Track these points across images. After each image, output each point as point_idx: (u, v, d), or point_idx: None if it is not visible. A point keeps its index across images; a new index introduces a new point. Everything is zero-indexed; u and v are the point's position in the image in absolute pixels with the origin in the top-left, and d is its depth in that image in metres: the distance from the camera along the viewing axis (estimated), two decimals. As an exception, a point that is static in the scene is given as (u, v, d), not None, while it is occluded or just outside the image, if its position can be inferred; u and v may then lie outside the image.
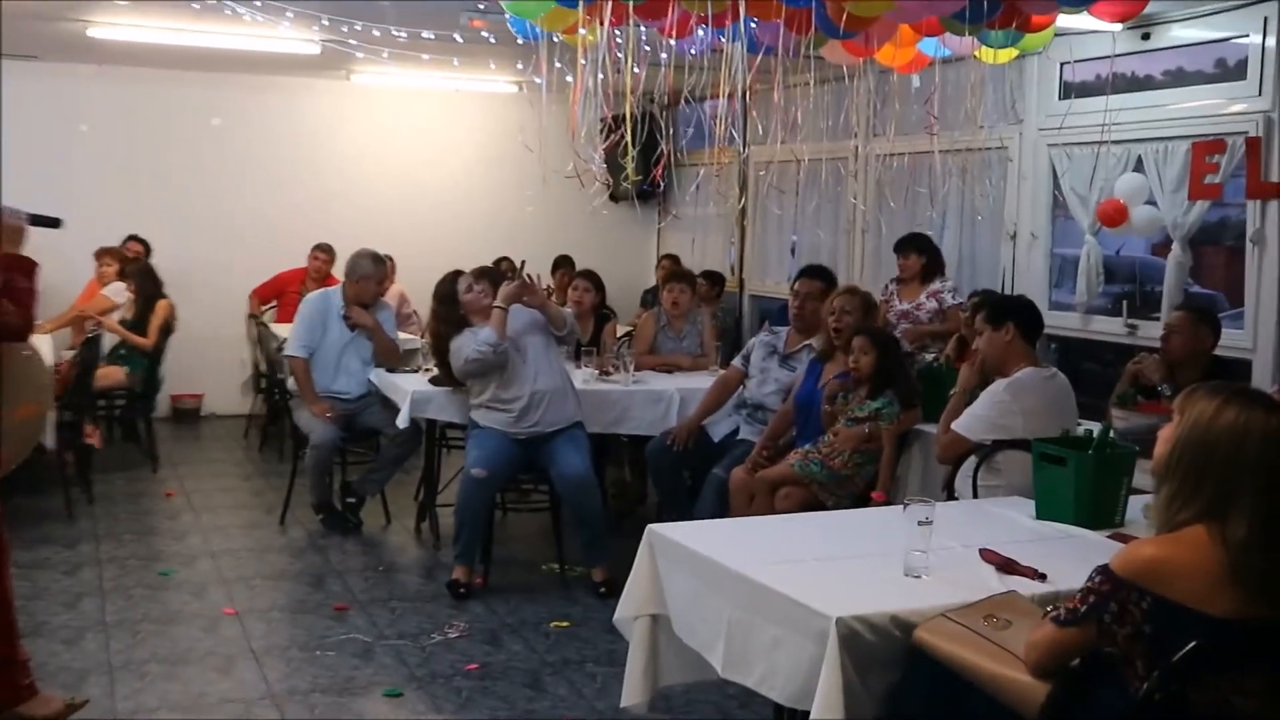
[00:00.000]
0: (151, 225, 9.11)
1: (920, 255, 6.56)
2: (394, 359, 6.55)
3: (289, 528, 6.46)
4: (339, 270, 7.18)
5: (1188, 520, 2.35)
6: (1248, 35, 5.65)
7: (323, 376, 6.39)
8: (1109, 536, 3.43)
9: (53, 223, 3.90)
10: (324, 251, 8.98)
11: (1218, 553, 2.29)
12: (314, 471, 6.28)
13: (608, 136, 4.96)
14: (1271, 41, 5.49)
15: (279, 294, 9.15)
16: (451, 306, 5.61)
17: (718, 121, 5.08)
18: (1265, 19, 5.51)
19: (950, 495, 4.44)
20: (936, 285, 6.47)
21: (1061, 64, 6.60)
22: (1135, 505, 3.66)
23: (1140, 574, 2.31)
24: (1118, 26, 5.71)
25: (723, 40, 4.75)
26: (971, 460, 4.40)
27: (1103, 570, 2.37)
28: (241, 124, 9.76)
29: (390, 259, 9.02)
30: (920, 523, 3.02)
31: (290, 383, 6.61)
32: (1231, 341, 5.54)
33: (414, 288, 8.97)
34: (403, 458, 6.42)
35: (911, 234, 6.76)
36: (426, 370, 6.14)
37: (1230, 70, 5.90)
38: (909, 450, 5.19)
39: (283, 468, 7.21)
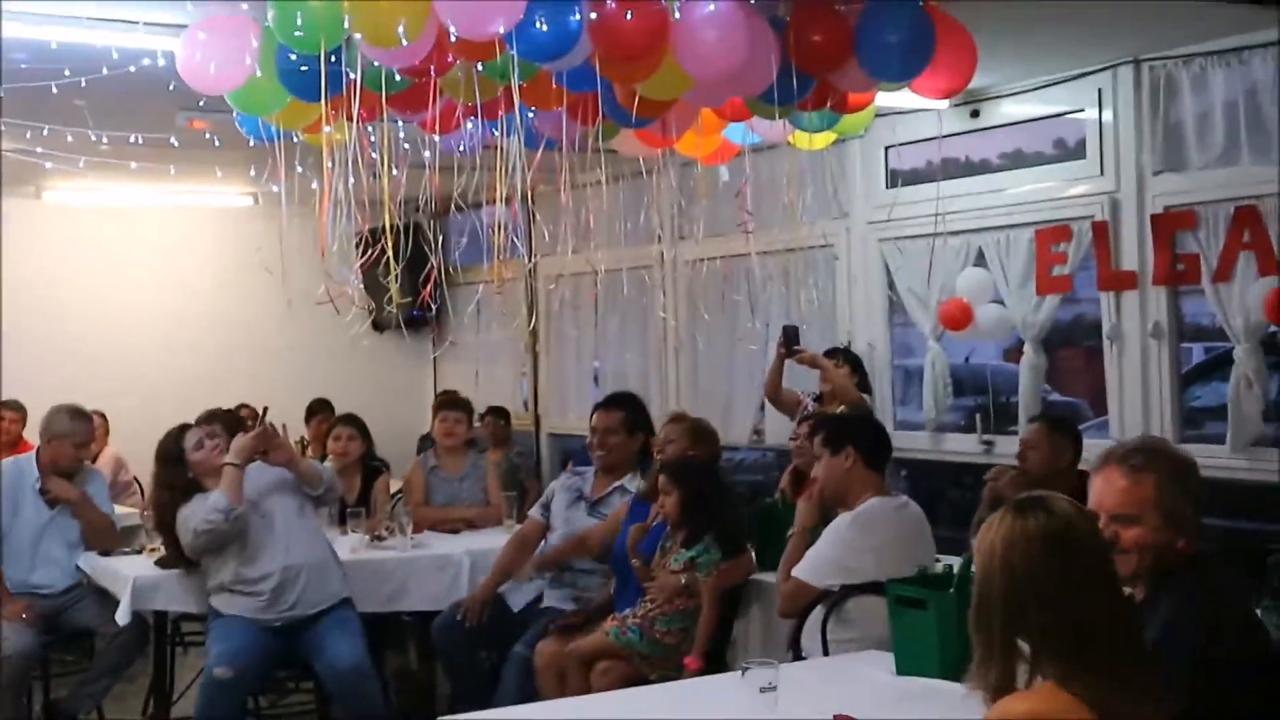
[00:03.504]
0: None
1: (850, 368, 6.37)
2: (109, 539, 6.31)
3: (-23, 765, 6.08)
4: (34, 433, 6.91)
5: (1005, 684, 2.42)
6: (1083, 110, 6.08)
7: (16, 568, 6.11)
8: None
9: None
10: (11, 410, 8.62)
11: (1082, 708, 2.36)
12: (7, 690, 5.93)
13: (365, 252, 4.97)
14: (1109, 115, 5.92)
15: None
16: (177, 469, 5.50)
17: (496, 230, 5.15)
18: (1100, 91, 5.95)
19: (797, 654, 4.49)
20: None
21: (886, 148, 6.97)
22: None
23: None
24: (944, 104, 6.08)
25: (496, 134, 4.84)
26: (819, 610, 4.47)
27: None
28: (-98, 257, 9.37)
29: (101, 415, 8.73)
30: (763, 689, 3.05)
31: (-27, 578, 6.27)
32: (1098, 453, 5.81)
33: (134, 450, 8.68)
34: (125, 662, 6.13)
35: (836, 346, 6.80)
36: (152, 550, 5.93)
37: (1070, 149, 6.33)
38: (746, 605, 5.24)
39: (-34, 688, 6.79)
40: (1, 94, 5.32)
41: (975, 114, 6.50)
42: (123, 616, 5.65)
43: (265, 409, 5.56)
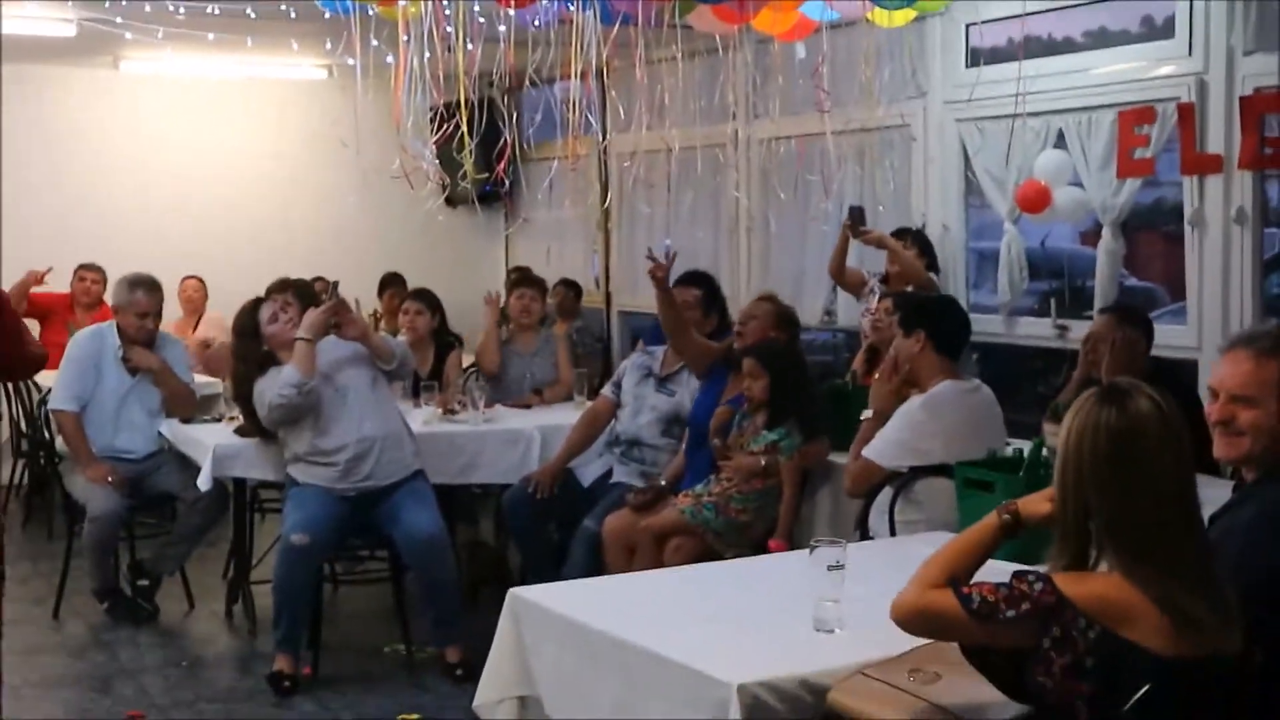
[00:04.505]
0: None
1: (918, 249, 6.42)
2: (188, 407, 6.44)
3: (65, 621, 6.29)
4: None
5: (1076, 566, 2.47)
6: (1174, -13, 5.92)
7: (100, 433, 6.26)
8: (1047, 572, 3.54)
9: None
10: (93, 271, 8.83)
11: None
12: (94, 550, 6.13)
13: (440, 127, 4.98)
14: (1201, -6, 5.76)
15: (44, 315, 8.87)
16: (253, 342, 5.57)
17: (570, 106, 5.13)
18: (1192, -32, 5.78)
19: (864, 534, 4.54)
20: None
21: (967, 25, 6.82)
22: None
23: (1090, 604, 2.40)
24: (1029, -20, 5.94)
25: (571, 9, 4.81)
26: (887, 492, 4.50)
27: (1046, 581, 2.44)
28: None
29: (199, 280, 8.96)
30: (830, 567, 3.09)
31: (59, 442, 6.43)
32: (1174, 340, 5.78)
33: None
34: (206, 527, 6.31)
35: (905, 227, 6.76)
36: (231, 419, 6.06)
37: (1157, 29, 6.17)
38: (815, 485, 5.28)
39: (54, 547, 7.01)
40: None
41: (1061, -10, 6.35)
42: (204, 483, 5.80)
43: (335, 283, 5.62)
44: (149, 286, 6.36)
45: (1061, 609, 2.40)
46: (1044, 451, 3.90)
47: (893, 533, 4.41)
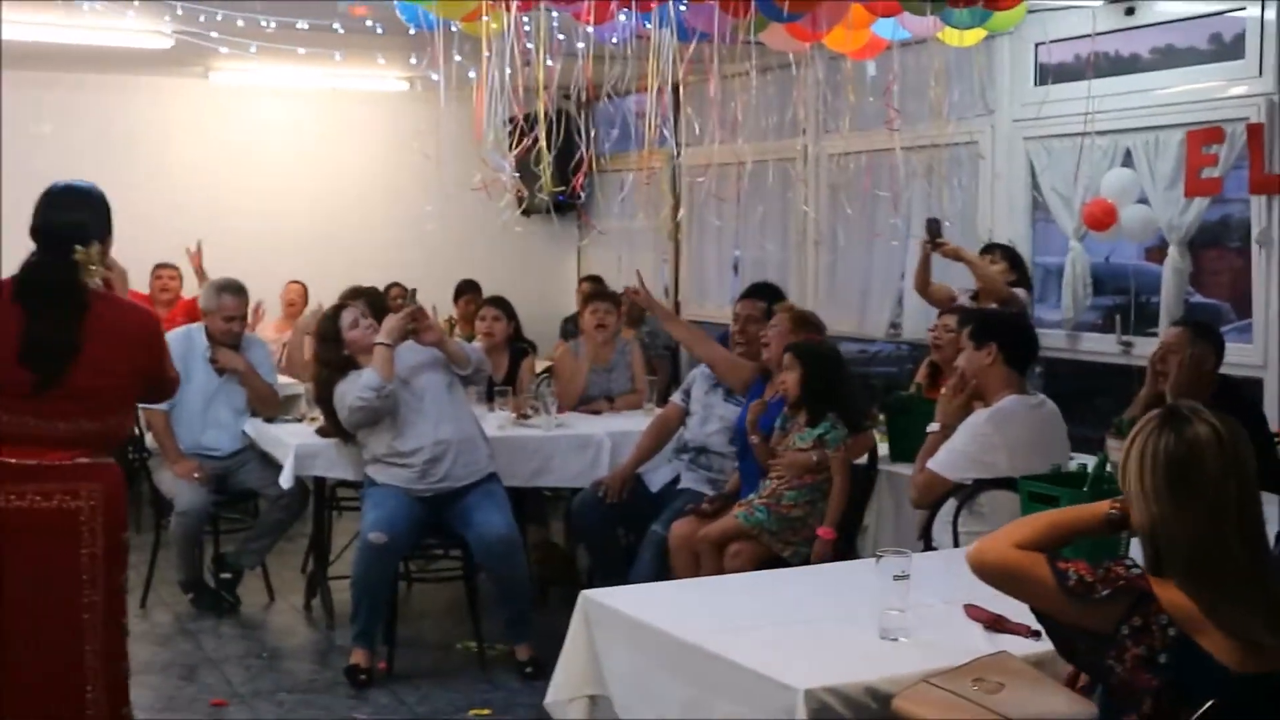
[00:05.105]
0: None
1: (1007, 264, 6.25)
2: (272, 407, 6.55)
3: (152, 611, 6.40)
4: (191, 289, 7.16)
5: (1154, 570, 2.48)
6: (1244, 8, 5.87)
7: (188, 430, 6.37)
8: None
9: None
10: (168, 269, 9.01)
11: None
12: (181, 543, 6.24)
13: (519, 140, 5.04)
14: (1271, 14, 5.70)
15: None
16: (334, 346, 5.65)
17: (645, 120, 5.18)
18: (1265, -12, 5.74)
19: (928, 545, 4.54)
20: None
21: (1036, 45, 6.81)
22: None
23: (1170, 607, 2.41)
24: (1098, 0, 5.92)
25: (648, 26, 4.85)
26: (951, 503, 4.49)
27: (1142, 569, 2.47)
28: (78, 131, 9.64)
29: (300, 284, 9.13)
30: (896, 577, 3.11)
31: (149, 439, 6.55)
32: (1240, 358, 5.73)
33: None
34: (286, 523, 6.41)
35: (994, 243, 6.64)
36: (312, 419, 6.15)
37: (1226, 48, 6.12)
38: (878, 493, 5.30)
39: (143, 540, 7.11)
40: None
41: (1130, 11, 6.30)
42: (285, 481, 5.90)
43: (414, 290, 5.69)
44: (235, 291, 6.48)
45: (1149, 599, 2.42)
46: (1107, 467, 3.90)
47: (956, 544, 4.40)
